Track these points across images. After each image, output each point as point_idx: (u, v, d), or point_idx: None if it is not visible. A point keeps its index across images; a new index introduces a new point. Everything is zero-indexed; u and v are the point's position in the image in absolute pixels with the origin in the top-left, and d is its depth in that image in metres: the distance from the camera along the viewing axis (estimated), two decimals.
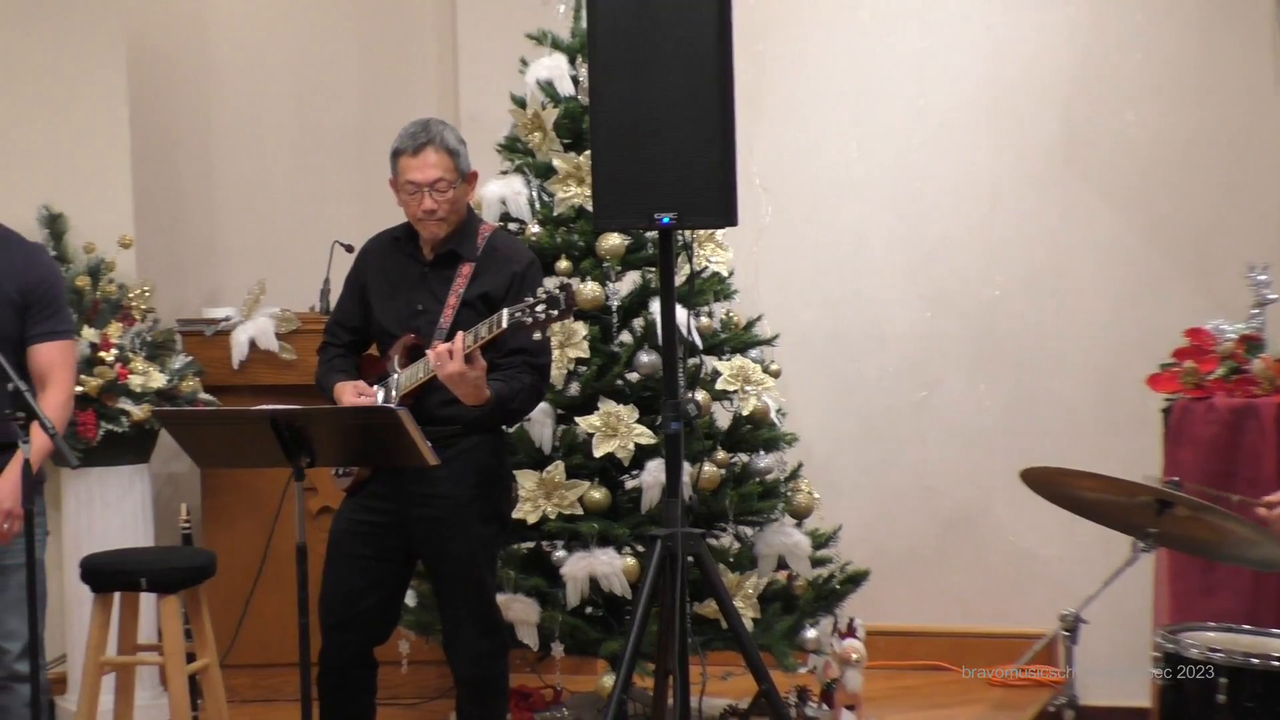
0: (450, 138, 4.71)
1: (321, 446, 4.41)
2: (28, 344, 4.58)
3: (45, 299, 4.58)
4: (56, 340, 4.61)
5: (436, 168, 4.67)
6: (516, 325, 4.38)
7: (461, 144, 4.74)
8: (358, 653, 4.82)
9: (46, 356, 4.60)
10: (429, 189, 4.68)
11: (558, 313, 4.35)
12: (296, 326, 6.44)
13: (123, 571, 5.31)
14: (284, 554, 5.80)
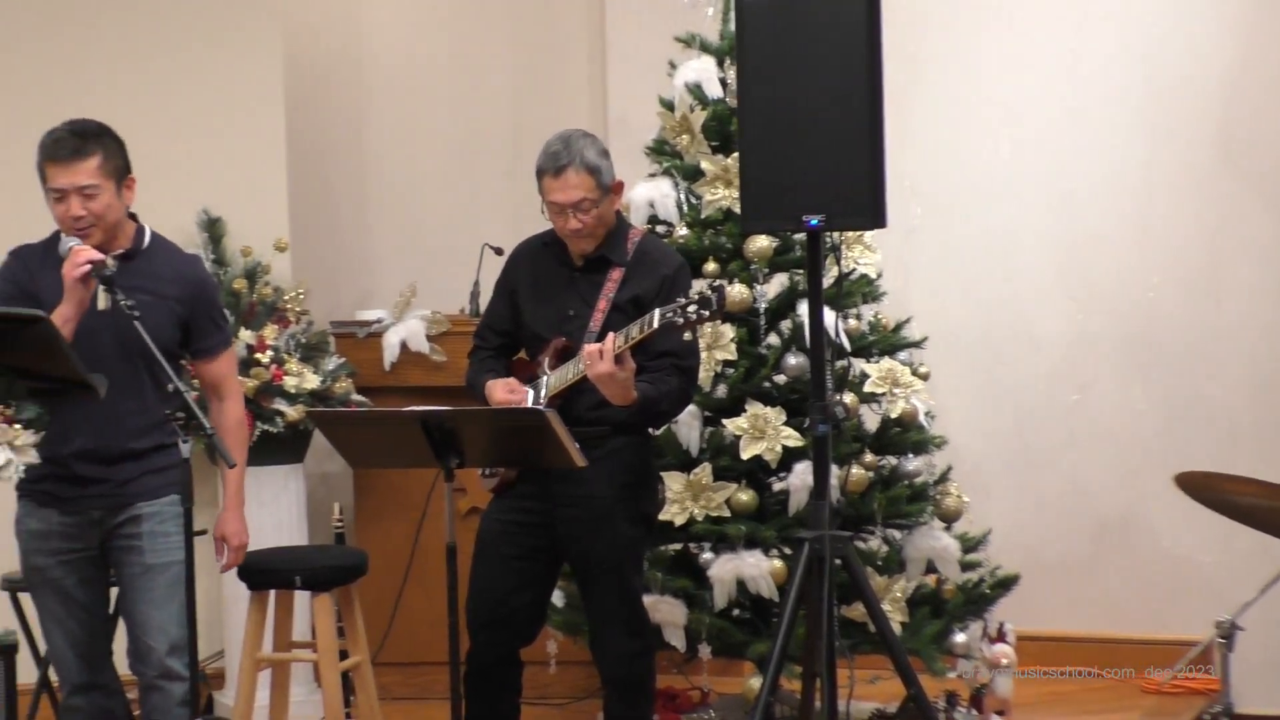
0: (591, 154, 4.69)
1: (471, 447, 4.45)
2: (195, 357, 4.69)
3: (207, 313, 4.68)
4: (223, 351, 4.74)
5: (579, 188, 4.68)
6: (668, 325, 4.38)
7: (604, 157, 4.71)
8: (505, 652, 4.85)
9: (216, 369, 4.72)
10: (572, 209, 4.70)
11: (709, 313, 4.35)
12: (447, 329, 6.50)
13: (278, 570, 5.39)
14: (432, 553, 5.87)
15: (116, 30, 6.39)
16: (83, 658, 4.62)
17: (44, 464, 4.35)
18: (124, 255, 4.53)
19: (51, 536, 4.55)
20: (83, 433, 4.48)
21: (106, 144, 4.49)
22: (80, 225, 4.46)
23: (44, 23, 6.31)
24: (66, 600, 4.59)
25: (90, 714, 4.66)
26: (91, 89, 6.17)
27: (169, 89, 6.41)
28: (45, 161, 4.47)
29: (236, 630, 5.80)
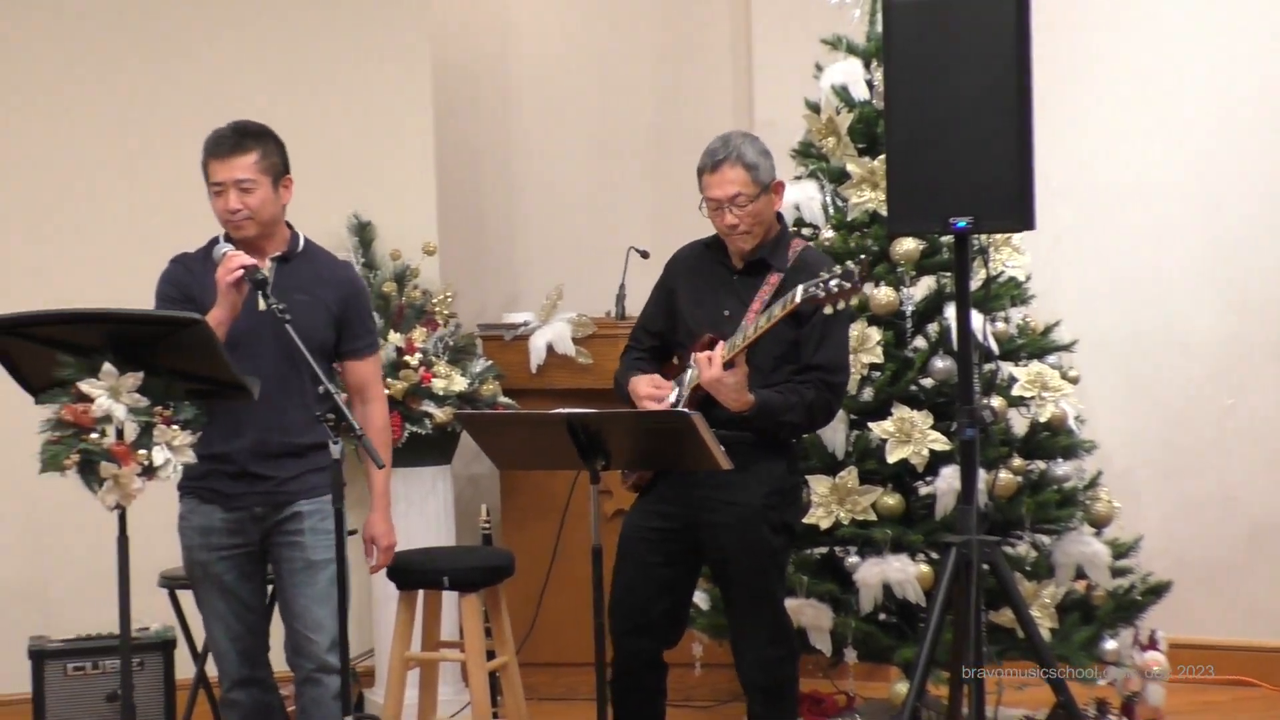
0: (749, 151, 4.72)
1: (617, 449, 4.47)
2: (344, 358, 4.76)
3: (358, 316, 4.76)
4: (371, 354, 4.80)
5: (734, 183, 4.70)
6: (809, 299, 4.40)
7: (763, 156, 4.73)
8: (649, 656, 4.86)
9: (363, 372, 4.78)
10: (728, 204, 4.71)
11: (850, 286, 4.36)
12: (593, 331, 6.53)
13: (426, 570, 5.44)
14: (577, 554, 5.90)
15: (270, 39, 6.51)
16: (242, 653, 4.71)
17: (207, 461, 4.45)
18: (280, 258, 4.64)
19: (214, 532, 4.65)
20: (246, 431, 4.57)
21: (266, 142, 4.61)
22: (236, 219, 4.57)
23: (199, 32, 6.43)
24: (227, 595, 4.68)
25: (249, 708, 4.75)
26: (245, 96, 6.28)
27: (320, 95, 6.51)
28: (207, 157, 4.60)
29: (386, 629, 5.87)
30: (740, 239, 4.76)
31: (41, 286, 5.94)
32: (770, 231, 4.80)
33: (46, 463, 4.08)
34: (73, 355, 4.12)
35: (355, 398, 4.79)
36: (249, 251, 4.60)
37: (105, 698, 5.63)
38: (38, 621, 5.94)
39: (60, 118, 6.27)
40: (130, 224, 6.28)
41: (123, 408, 4.08)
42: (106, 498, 4.10)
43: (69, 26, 6.29)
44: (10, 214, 6.21)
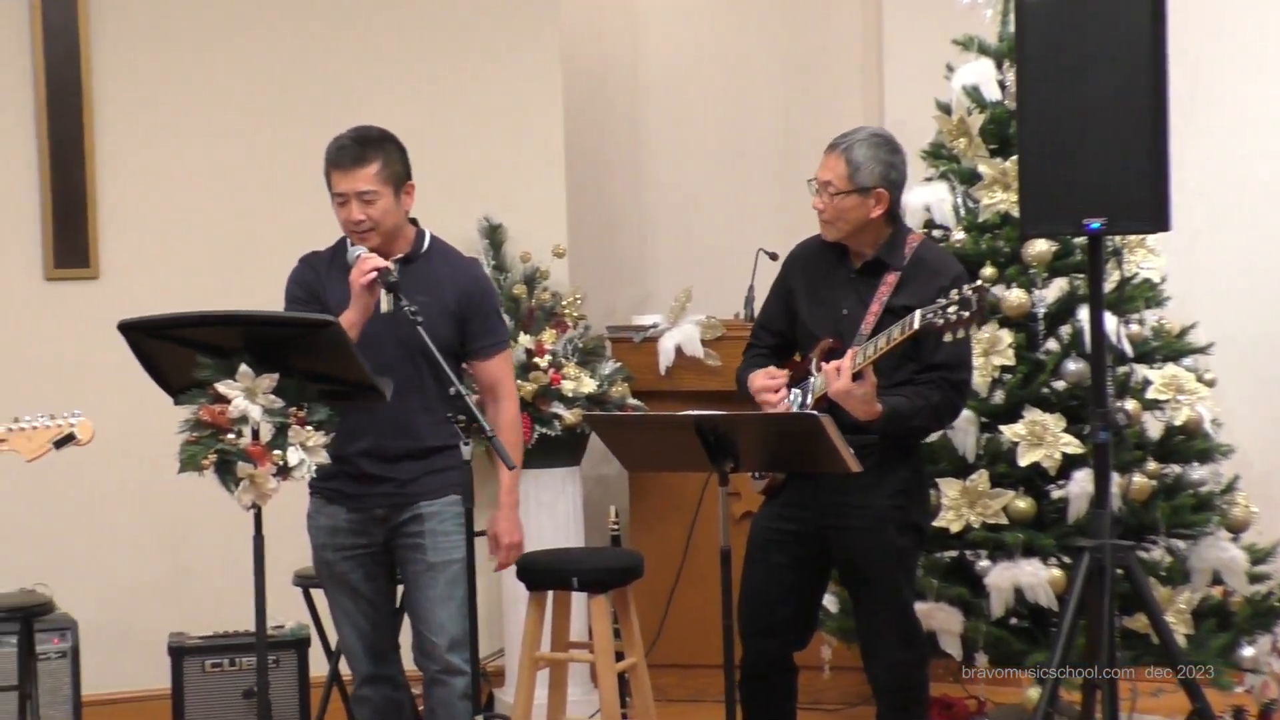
0: (861, 151, 4.65)
1: (745, 451, 4.46)
2: (471, 357, 4.77)
3: (483, 312, 4.75)
4: (499, 352, 4.80)
5: (831, 171, 4.67)
6: (928, 326, 4.36)
7: (877, 161, 4.64)
8: (778, 658, 4.85)
9: (491, 370, 4.79)
10: (820, 188, 4.70)
11: (969, 314, 4.30)
12: (721, 333, 6.53)
13: (555, 571, 5.47)
14: (706, 556, 5.89)
15: (399, 42, 6.58)
16: (370, 651, 4.77)
17: (333, 462, 4.49)
18: (404, 259, 4.65)
19: (339, 532, 4.70)
20: (369, 432, 4.60)
21: (387, 150, 4.61)
22: (360, 229, 4.59)
23: (330, 34, 6.51)
24: (354, 595, 4.73)
25: (378, 705, 4.81)
26: (375, 99, 6.36)
27: (451, 98, 6.57)
28: (329, 167, 4.63)
29: (516, 629, 5.91)
30: (824, 227, 4.75)
31: (182, 288, 6.05)
32: (873, 233, 4.75)
33: (184, 462, 4.16)
34: (211, 357, 4.19)
35: (487, 396, 4.82)
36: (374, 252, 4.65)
37: (242, 694, 5.72)
38: (176, 618, 6.04)
39: (196, 120, 6.37)
40: (264, 223, 6.38)
41: (258, 409, 4.15)
42: (243, 497, 4.17)
43: (201, 27, 6.39)
44: (151, 218, 6.32)
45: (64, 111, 6.18)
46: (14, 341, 6.16)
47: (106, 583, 6.21)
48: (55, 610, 5.56)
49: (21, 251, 6.20)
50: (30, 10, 6.14)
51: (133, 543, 6.29)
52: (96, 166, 6.24)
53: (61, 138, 6.18)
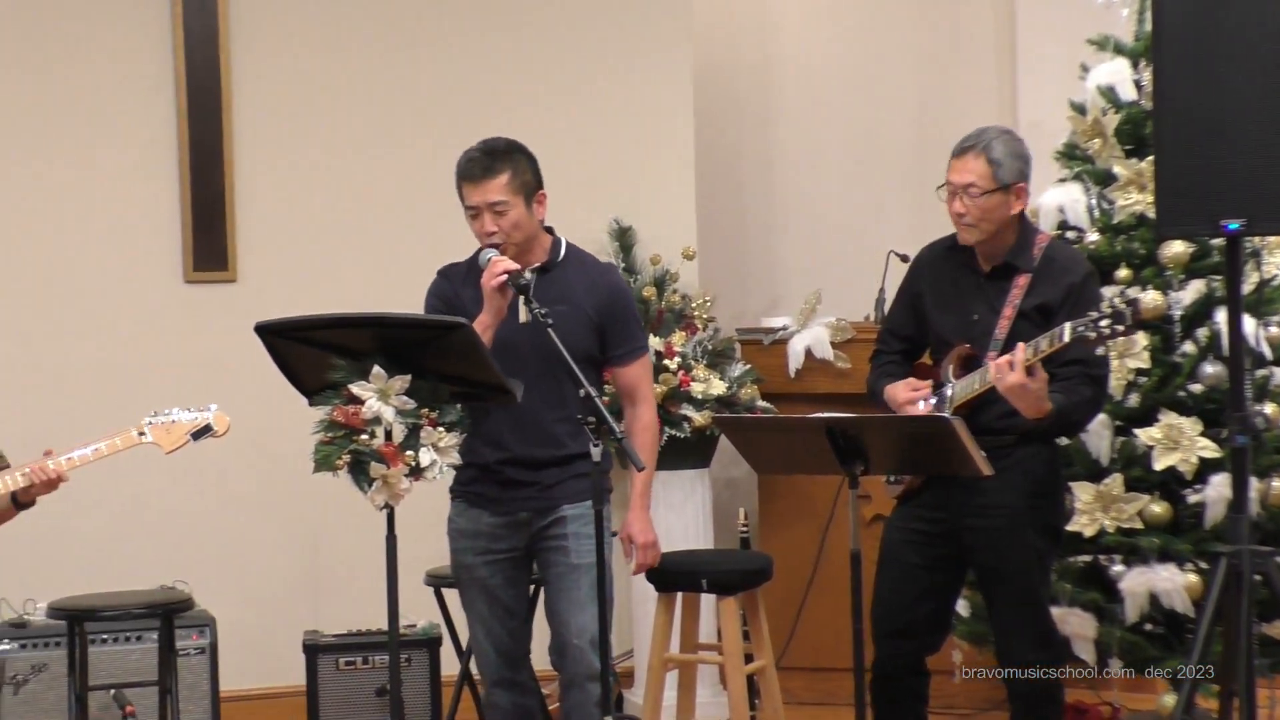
0: (998, 147, 4.63)
1: (875, 454, 4.44)
2: (610, 363, 4.79)
3: (621, 319, 4.77)
4: (637, 358, 4.82)
5: (972, 172, 4.64)
6: (1079, 339, 4.32)
7: (1013, 158, 4.63)
8: (910, 661, 4.82)
9: (630, 375, 4.80)
10: (961, 192, 4.66)
11: (1123, 328, 4.27)
12: (851, 336, 6.50)
13: (685, 573, 5.48)
14: (837, 559, 5.89)
15: (531, 46, 6.62)
16: (503, 655, 4.79)
17: (475, 467, 4.57)
18: (541, 269, 4.67)
19: (480, 536, 4.73)
20: (510, 438, 4.64)
21: (516, 161, 4.62)
22: (492, 241, 4.61)
23: (463, 41, 6.57)
24: (491, 599, 4.76)
25: (509, 710, 4.83)
26: (506, 104, 6.41)
27: (582, 101, 6.60)
28: (460, 181, 4.66)
29: (645, 631, 5.93)
30: (965, 230, 4.70)
31: (317, 291, 6.14)
32: (1009, 234, 4.71)
33: (319, 463, 4.21)
34: (345, 358, 4.24)
35: (625, 400, 4.84)
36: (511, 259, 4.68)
37: (375, 692, 5.78)
38: (311, 616, 6.14)
39: (333, 126, 6.46)
40: (399, 228, 6.45)
41: (391, 410, 4.19)
42: (375, 497, 4.21)
43: (338, 36, 6.48)
44: (288, 223, 6.42)
45: (204, 118, 6.29)
46: (154, 343, 6.28)
47: (244, 581, 6.31)
48: (194, 607, 5.64)
49: (162, 255, 6.32)
50: (172, 20, 6.26)
51: (269, 541, 6.38)
52: (235, 172, 6.34)
53: (201, 144, 6.29)
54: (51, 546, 5.94)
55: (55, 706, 5.59)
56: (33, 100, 6.21)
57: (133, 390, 6.00)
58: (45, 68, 6.22)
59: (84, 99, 6.25)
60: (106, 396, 6.04)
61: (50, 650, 5.63)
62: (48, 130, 6.23)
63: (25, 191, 6.22)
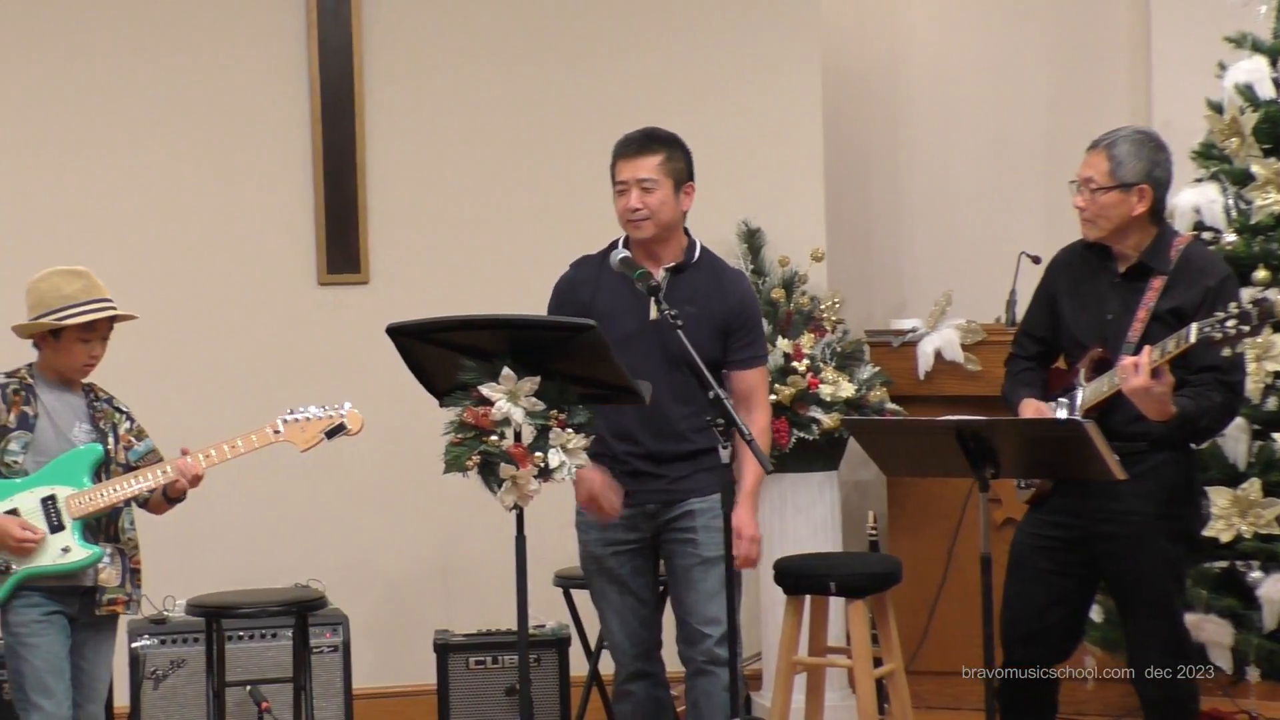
0: (1124, 147, 4.58)
1: (1007, 457, 4.41)
2: (729, 367, 4.83)
3: (746, 326, 4.82)
4: (756, 366, 4.86)
5: (1092, 168, 4.61)
6: (1205, 340, 4.26)
7: (1138, 159, 4.56)
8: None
9: (748, 381, 4.84)
10: (1082, 184, 4.63)
11: (1249, 329, 4.20)
12: (982, 338, 6.45)
13: (813, 575, 5.47)
14: (967, 563, 5.84)
15: (660, 47, 6.63)
16: (636, 646, 4.84)
17: (604, 459, 4.64)
18: (675, 269, 4.76)
19: (611, 528, 4.78)
20: (639, 432, 4.72)
21: (672, 148, 4.77)
22: (635, 217, 4.72)
23: (592, 43, 6.60)
24: (623, 589, 4.81)
25: (641, 700, 4.87)
26: (636, 104, 6.42)
27: (710, 102, 6.61)
28: (614, 159, 4.79)
29: (773, 633, 5.92)
30: (1084, 226, 4.67)
31: (448, 293, 6.19)
32: (1140, 234, 4.65)
33: (449, 463, 4.25)
34: (475, 360, 4.28)
35: (740, 405, 4.84)
36: (644, 256, 4.75)
37: (504, 691, 5.83)
38: (442, 616, 6.19)
39: (464, 130, 6.52)
40: (529, 230, 6.50)
41: (521, 411, 4.22)
42: (505, 498, 4.25)
43: (470, 41, 6.54)
44: (419, 226, 6.48)
45: (337, 124, 6.38)
46: (288, 344, 6.37)
47: (376, 580, 6.39)
48: (328, 606, 5.72)
49: (297, 257, 6.41)
50: (307, 27, 6.35)
51: (401, 541, 6.45)
52: (367, 177, 6.42)
53: (335, 150, 6.38)
54: (190, 545, 6.05)
55: (193, 701, 5.70)
56: (171, 108, 6.33)
57: (268, 391, 6.08)
58: (184, 76, 6.34)
59: (221, 107, 6.36)
60: (243, 398, 6.14)
61: (188, 646, 5.73)
62: (186, 137, 6.34)
63: (165, 197, 6.34)
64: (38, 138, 6.24)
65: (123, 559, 4.67)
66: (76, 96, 6.26)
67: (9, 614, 4.56)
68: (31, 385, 4.64)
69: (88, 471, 4.60)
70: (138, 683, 5.69)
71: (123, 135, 6.30)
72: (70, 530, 4.55)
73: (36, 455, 4.59)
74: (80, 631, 4.63)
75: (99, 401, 4.72)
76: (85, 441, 4.64)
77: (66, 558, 4.55)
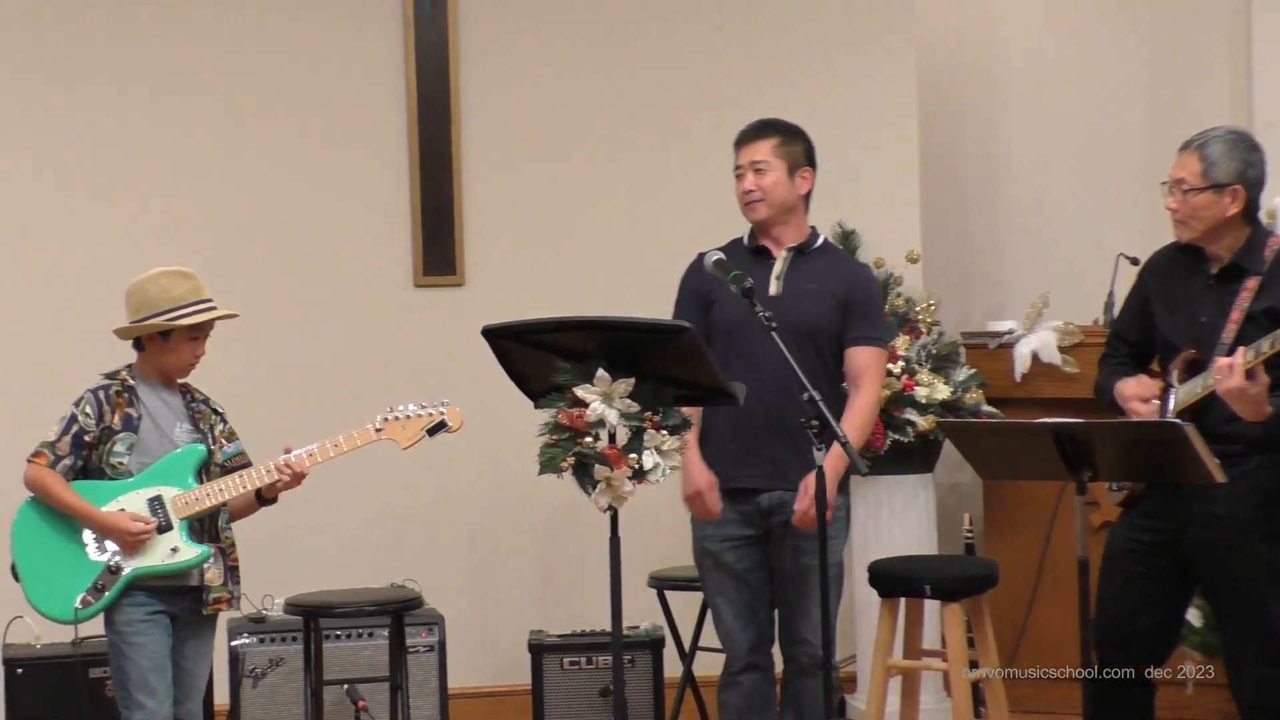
0: (1217, 148, 4.54)
1: (1104, 460, 4.37)
2: (845, 345, 4.87)
3: (864, 304, 4.89)
4: (870, 346, 4.89)
5: (1184, 168, 4.57)
6: None
7: (1232, 160, 4.52)
8: (1133, 672, 4.72)
9: (860, 360, 4.87)
10: (1172, 185, 4.59)
11: None
12: (1079, 340, 6.40)
13: (908, 578, 5.45)
14: (1061, 566, 5.80)
15: (754, 49, 6.64)
16: (749, 638, 4.87)
17: (715, 452, 4.72)
18: (796, 249, 4.89)
19: (725, 523, 4.83)
20: (751, 426, 4.75)
21: (789, 134, 4.92)
22: (749, 199, 4.85)
23: (686, 47, 6.61)
24: (738, 582, 4.85)
25: (749, 691, 4.90)
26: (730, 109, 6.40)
27: (805, 104, 6.54)
28: (735, 146, 4.92)
29: (868, 635, 5.90)
30: (1177, 227, 4.64)
31: (542, 295, 6.22)
32: (1233, 235, 4.59)
33: (544, 465, 4.27)
34: (569, 361, 4.30)
35: (850, 383, 4.89)
36: (765, 239, 4.87)
37: (599, 692, 5.84)
38: (536, 616, 6.22)
39: (559, 133, 6.55)
40: (621, 232, 6.52)
41: (615, 413, 4.23)
42: (599, 499, 4.26)
43: (565, 45, 6.57)
44: (514, 228, 6.52)
45: (434, 127, 6.43)
46: (385, 345, 6.43)
47: (471, 580, 6.42)
48: (424, 605, 5.76)
49: (393, 259, 6.46)
50: (404, 31, 6.40)
51: (496, 542, 6.48)
52: (463, 179, 6.46)
53: (431, 152, 6.43)
54: (289, 545, 6.12)
55: (291, 699, 5.75)
56: (270, 112, 6.40)
57: (364, 393, 6.14)
58: (282, 79, 6.40)
59: (319, 111, 6.43)
60: (339, 399, 6.20)
61: (287, 645, 5.79)
62: (285, 141, 6.41)
63: (264, 201, 6.41)
64: (140, 143, 6.33)
65: (223, 557, 4.74)
66: (178, 102, 6.34)
67: (115, 612, 4.63)
68: (133, 387, 4.70)
69: (192, 472, 4.66)
70: (237, 681, 5.76)
71: (222, 140, 6.37)
72: (177, 530, 4.62)
73: (140, 456, 4.66)
74: (182, 630, 4.70)
75: (195, 402, 4.79)
76: (186, 441, 4.70)
77: (175, 557, 4.61)
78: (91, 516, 4.58)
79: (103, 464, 4.65)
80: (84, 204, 6.28)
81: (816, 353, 4.77)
